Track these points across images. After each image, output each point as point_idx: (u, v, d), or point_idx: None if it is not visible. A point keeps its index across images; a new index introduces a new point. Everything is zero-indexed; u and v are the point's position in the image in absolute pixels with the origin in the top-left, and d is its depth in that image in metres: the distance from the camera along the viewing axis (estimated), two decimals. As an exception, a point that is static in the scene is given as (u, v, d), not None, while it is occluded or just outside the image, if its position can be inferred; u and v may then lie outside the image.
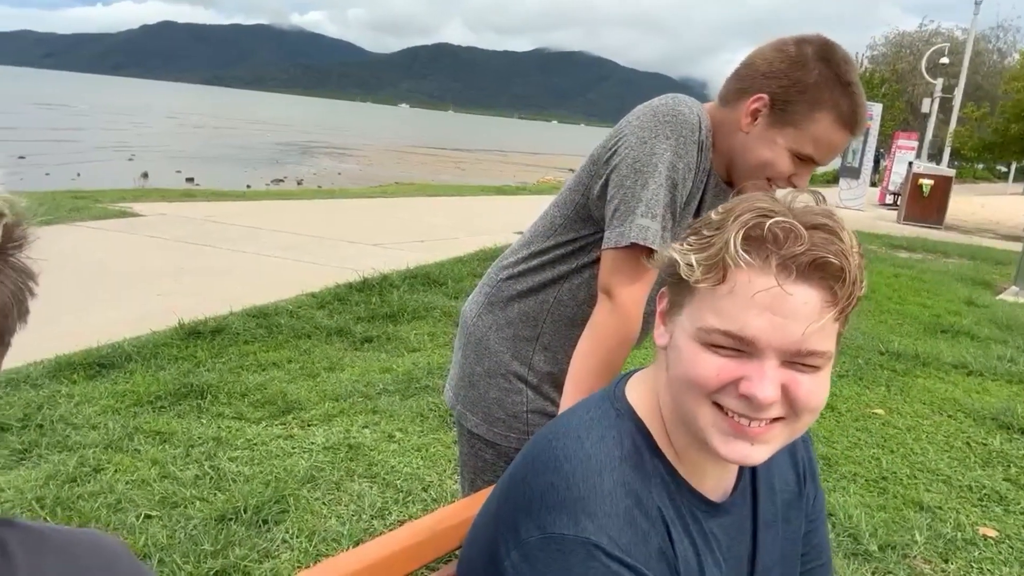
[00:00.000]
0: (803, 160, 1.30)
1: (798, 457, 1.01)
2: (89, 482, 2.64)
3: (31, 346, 3.90)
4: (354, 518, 2.59)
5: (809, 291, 0.73)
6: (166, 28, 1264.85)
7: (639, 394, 0.88)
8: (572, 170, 2.42)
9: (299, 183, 21.30)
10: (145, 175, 20.49)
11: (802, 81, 1.26)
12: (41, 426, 3.02)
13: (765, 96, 1.29)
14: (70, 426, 3.04)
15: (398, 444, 3.18)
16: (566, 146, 74.08)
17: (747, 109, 1.31)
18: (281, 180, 21.93)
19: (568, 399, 1.28)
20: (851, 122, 1.28)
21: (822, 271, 0.72)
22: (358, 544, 1.91)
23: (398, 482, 2.86)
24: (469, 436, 1.52)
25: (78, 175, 20.01)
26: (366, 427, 3.31)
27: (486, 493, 0.97)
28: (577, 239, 1.40)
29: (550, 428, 0.88)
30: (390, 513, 2.66)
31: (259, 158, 30.94)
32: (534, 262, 1.44)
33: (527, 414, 1.45)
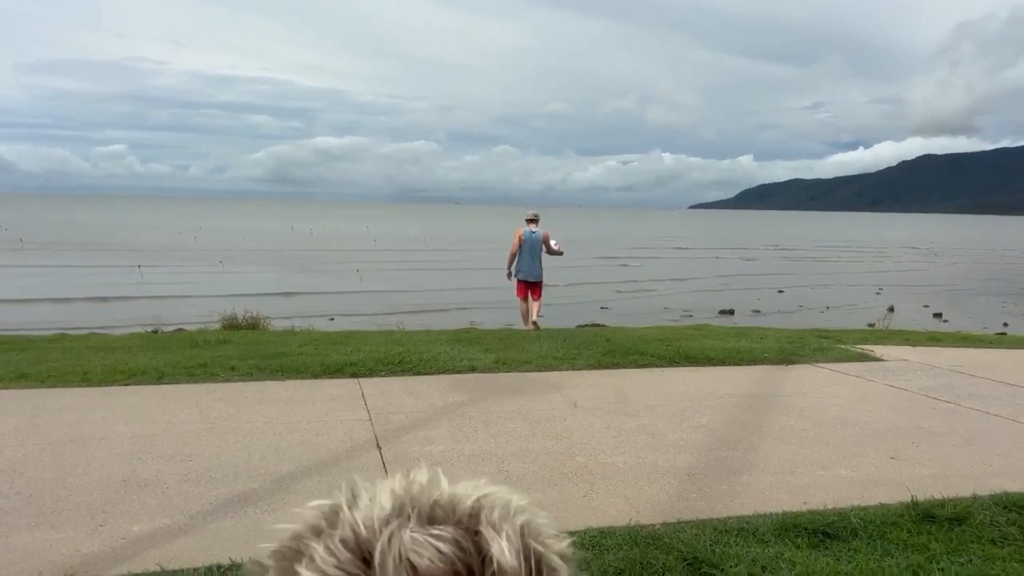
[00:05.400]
0: None
1: None
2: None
3: (764, 494, 4.04)
4: None
5: None
6: (924, 161, 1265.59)
7: None
8: None
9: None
10: (891, 309, 20.43)
11: None
12: (763, 592, 3.02)
13: None
14: (789, 600, 2.96)
15: None
16: None
17: None
18: (1049, 320, 18.87)
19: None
20: None
21: None
22: None
23: None
24: None
25: (827, 308, 21.25)
26: None
27: None
28: None
29: None
30: None
31: (1019, 291, 27.54)
32: None
33: None
